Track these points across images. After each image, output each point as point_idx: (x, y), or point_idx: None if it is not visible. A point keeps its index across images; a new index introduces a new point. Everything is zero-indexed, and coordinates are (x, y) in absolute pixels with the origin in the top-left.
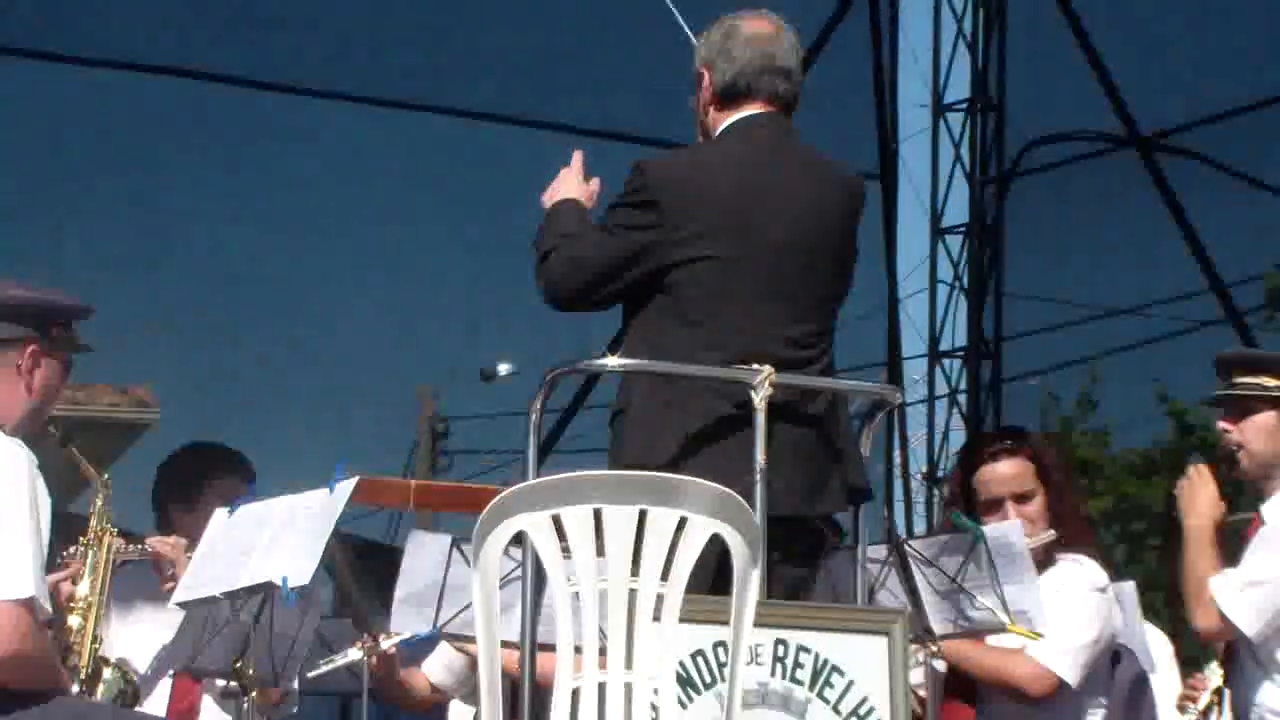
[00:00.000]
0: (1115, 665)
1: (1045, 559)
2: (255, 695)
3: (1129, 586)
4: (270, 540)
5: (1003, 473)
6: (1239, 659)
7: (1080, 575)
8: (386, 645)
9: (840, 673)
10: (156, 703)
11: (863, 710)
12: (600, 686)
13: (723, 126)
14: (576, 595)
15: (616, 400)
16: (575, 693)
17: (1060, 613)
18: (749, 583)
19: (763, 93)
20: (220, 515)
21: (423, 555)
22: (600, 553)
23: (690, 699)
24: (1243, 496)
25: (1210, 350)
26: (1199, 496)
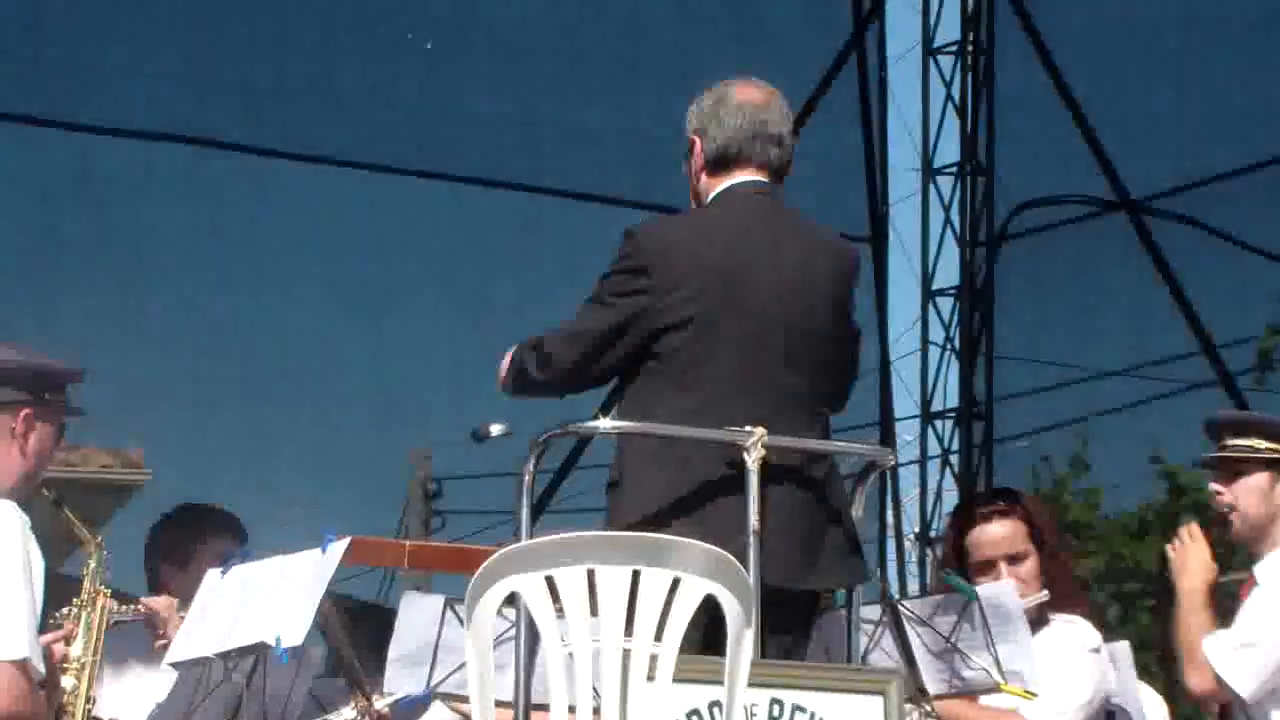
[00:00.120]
0: None
1: (1038, 619)
2: None
3: (1123, 646)
4: (263, 600)
5: (995, 534)
6: None
7: (1074, 635)
8: (380, 705)
9: None
10: None
11: None
12: None
13: (714, 193)
14: (570, 655)
15: (612, 471)
16: None
17: (1054, 673)
18: (743, 642)
19: (754, 159)
20: (213, 576)
21: (416, 615)
22: (594, 613)
23: None
24: (1235, 557)
25: (1201, 412)
26: (1192, 558)
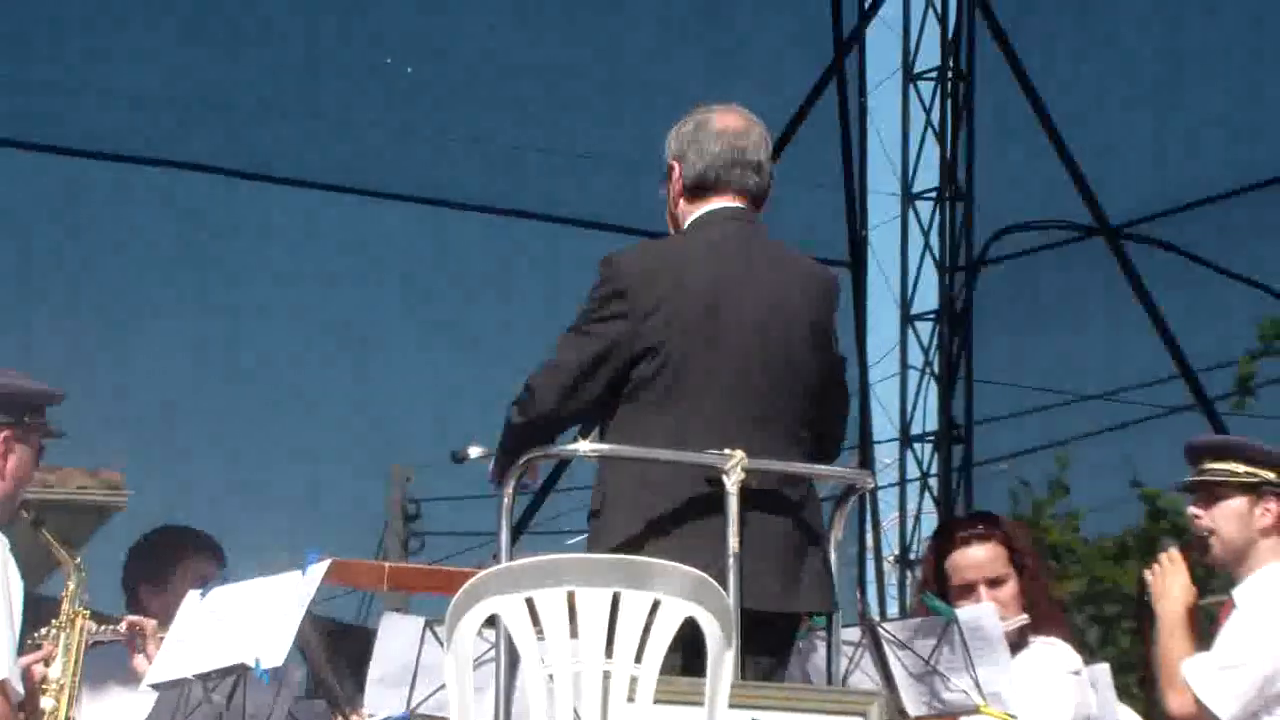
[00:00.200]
0: None
1: (1019, 642)
2: None
3: (1103, 669)
4: (243, 622)
5: (975, 558)
6: None
7: (1054, 657)
8: None
9: None
10: None
11: None
12: None
13: (691, 219)
14: (551, 677)
15: (593, 500)
16: None
17: (1035, 695)
18: (723, 664)
19: (732, 186)
20: (193, 597)
21: (396, 636)
22: (574, 635)
23: None
24: (1215, 580)
25: (1180, 436)
26: (1171, 582)
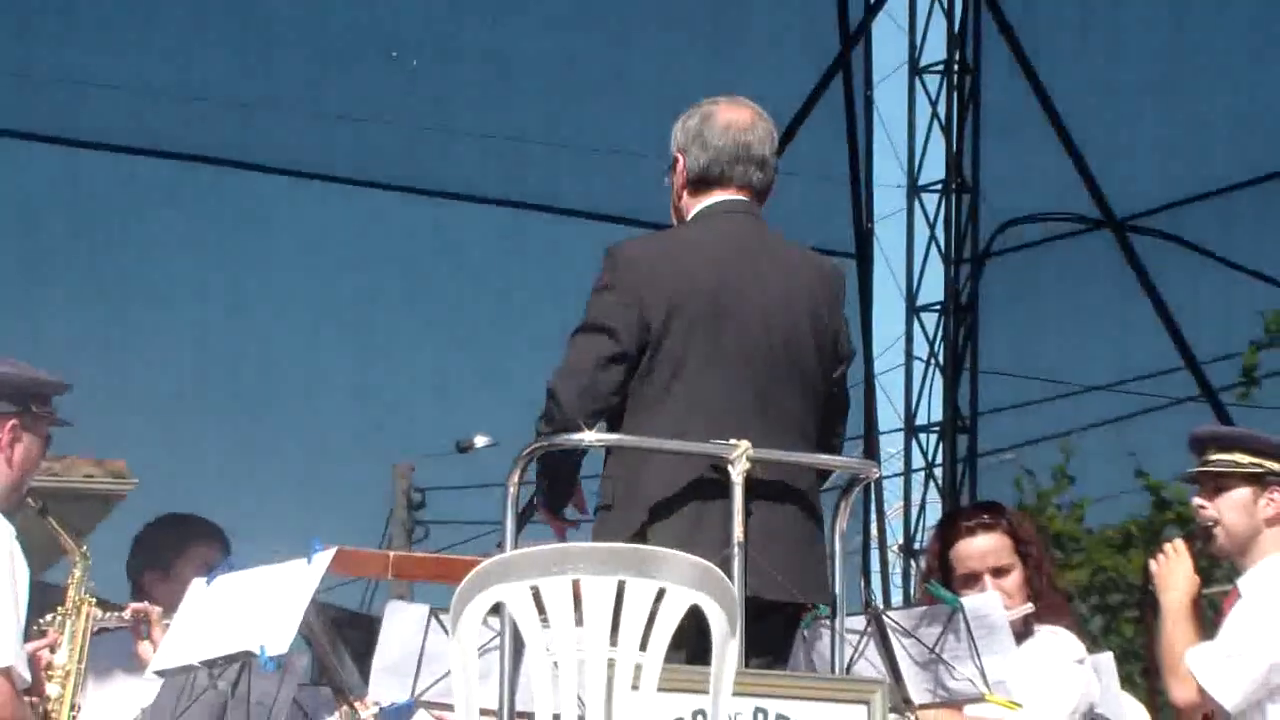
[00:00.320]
0: None
1: (1024, 631)
2: None
3: (1107, 658)
4: (248, 609)
5: (980, 548)
6: None
7: (1058, 646)
8: (365, 714)
9: None
10: None
11: None
12: None
13: (694, 211)
14: (555, 665)
15: (602, 494)
16: None
17: (1039, 683)
18: (727, 652)
19: (736, 181)
20: (198, 584)
21: (401, 624)
22: (579, 623)
23: None
24: (1219, 570)
25: (1186, 426)
26: (1175, 571)
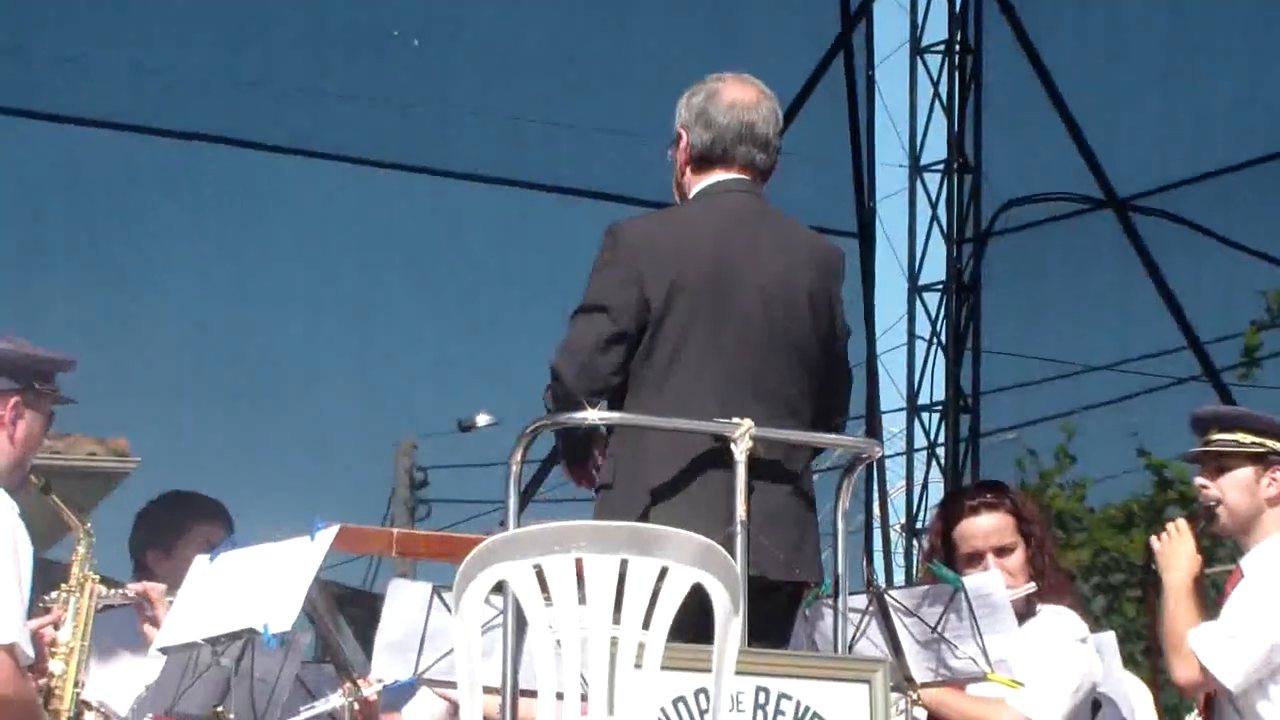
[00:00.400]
0: (1096, 714)
1: (1026, 610)
2: None
3: (1109, 637)
4: (251, 587)
5: (983, 527)
6: (1220, 710)
7: (1061, 626)
8: (368, 691)
9: None
10: None
11: None
12: None
13: (696, 190)
14: (558, 643)
15: (602, 474)
16: None
17: (1041, 662)
18: (730, 630)
19: (738, 160)
20: (202, 562)
21: (404, 602)
22: (582, 601)
23: None
24: (1221, 550)
25: (1188, 406)
26: (1178, 551)
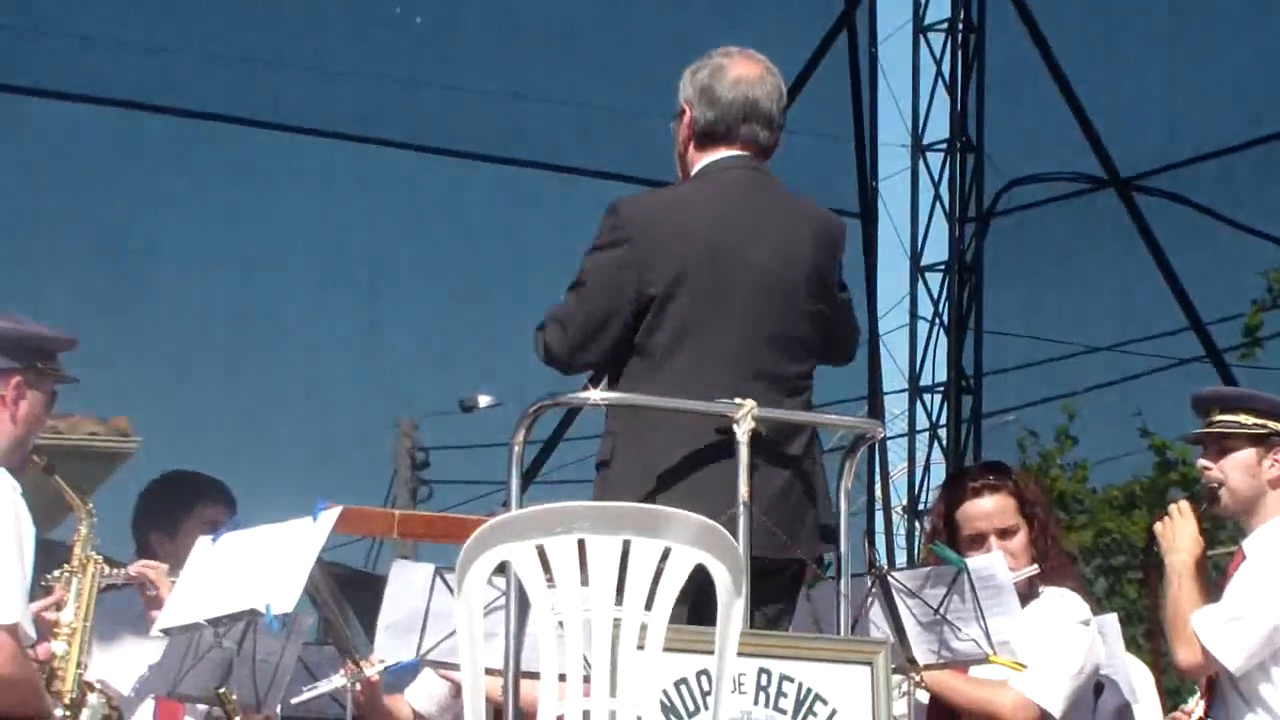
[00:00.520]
0: (1098, 696)
1: (1029, 592)
2: None
3: (1111, 619)
4: (254, 568)
5: (986, 508)
6: (1222, 692)
7: (1064, 607)
8: (370, 672)
9: (824, 702)
10: None
11: None
12: (585, 714)
13: (699, 166)
14: (560, 624)
15: (600, 450)
16: None
17: (1044, 644)
18: (732, 612)
19: (741, 138)
20: (204, 543)
21: (406, 583)
22: (584, 583)
23: None
24: (1223, 531)
25: (1190, 387)
26: (1180, 533)
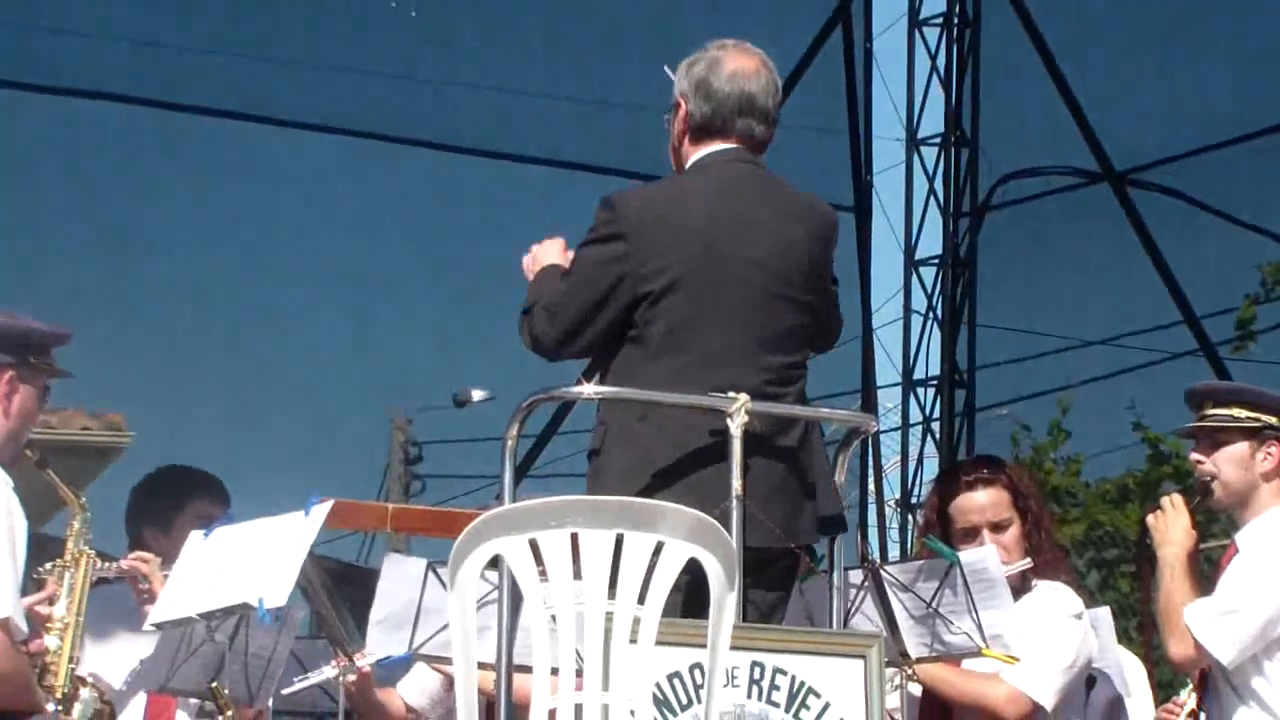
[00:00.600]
0: (1091, 689)
1: (1021, 585)
2: (230, 715)
3: (1104, 612)
4: (246, 562)
5: (979, 502)
6: (1214, 685)
7: (1056, 601)
8: (362, 665)
9: (816, 695)
10: None
11: None
12: (577, 708)
13: (693, 160)
14: (553, 618)
15: (593, 439)
16: (552, 714)
17: (1037, 637)
18: (725, 606)
19: (736, 132)
20: (196, 537)
21: (399, 577)
22: (577, 576)
23: None
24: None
25: (1183, 381)
26: (1173, 526)
